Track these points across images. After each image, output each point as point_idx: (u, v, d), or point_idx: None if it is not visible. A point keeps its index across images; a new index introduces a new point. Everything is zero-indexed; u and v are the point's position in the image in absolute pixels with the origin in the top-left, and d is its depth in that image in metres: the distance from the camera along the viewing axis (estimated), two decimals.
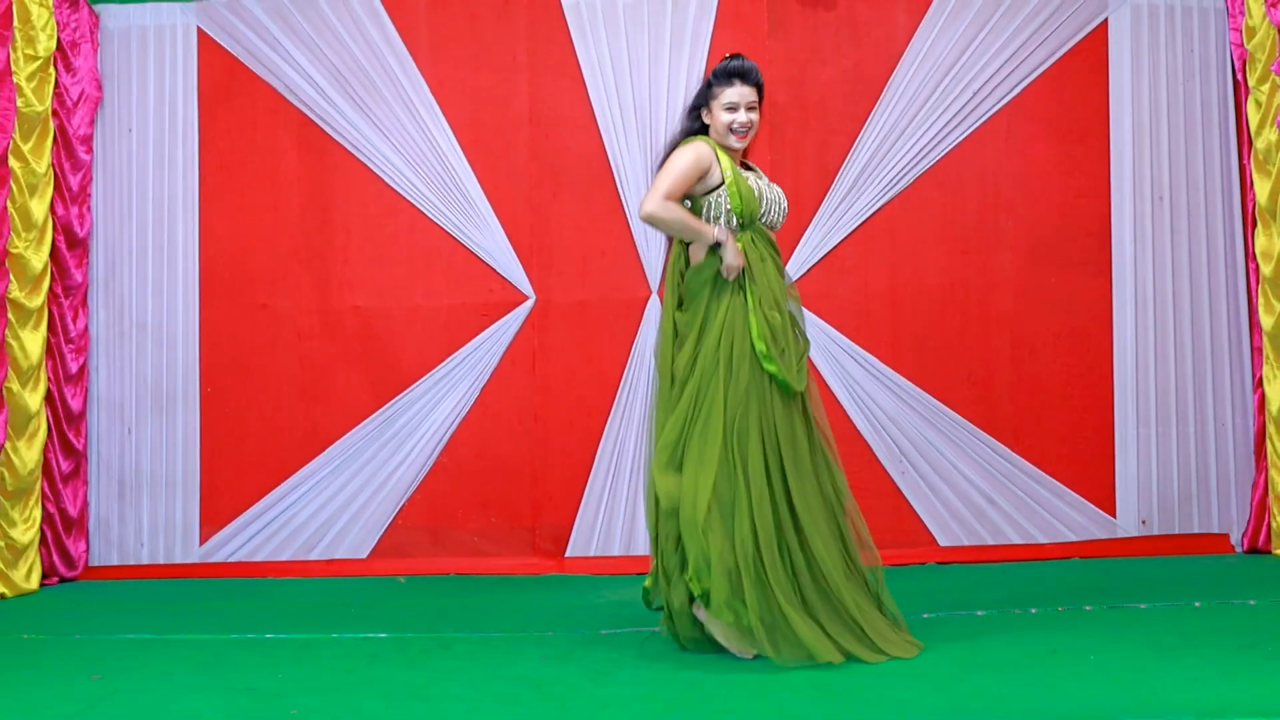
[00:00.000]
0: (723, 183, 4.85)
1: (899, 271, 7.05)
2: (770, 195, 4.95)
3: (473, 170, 7.07)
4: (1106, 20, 7.01)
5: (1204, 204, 7.02)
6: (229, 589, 6.75)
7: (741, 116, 4.84)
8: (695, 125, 4.97)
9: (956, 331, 7.03)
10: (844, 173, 6.98)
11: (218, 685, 4.60)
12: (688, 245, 4.96)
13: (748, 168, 5.05)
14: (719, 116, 4.86)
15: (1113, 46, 7.01)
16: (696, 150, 4.85)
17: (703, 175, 4.83)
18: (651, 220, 4.81)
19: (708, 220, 4.84)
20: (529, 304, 7.08)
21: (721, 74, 4.86)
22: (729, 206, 4.83)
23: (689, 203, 4.90)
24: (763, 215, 4.91)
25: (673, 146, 4.97)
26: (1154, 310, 7.00)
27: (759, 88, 4.91)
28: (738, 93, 4.83)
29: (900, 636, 4.84)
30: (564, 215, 7.09)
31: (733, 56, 4.92)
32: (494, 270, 7.08)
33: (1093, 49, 7.02)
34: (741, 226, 4.85)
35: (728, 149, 4.90)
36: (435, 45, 7.11)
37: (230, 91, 7.19)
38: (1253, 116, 6.73)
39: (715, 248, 4.83)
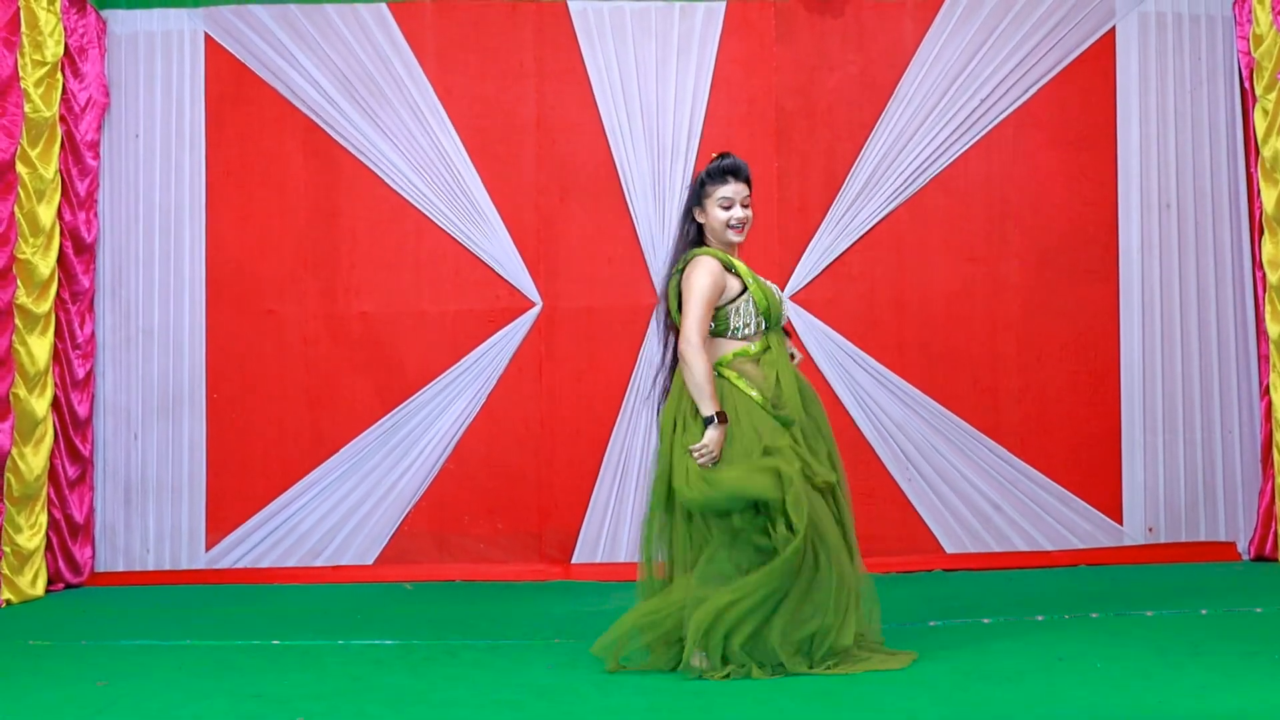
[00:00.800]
0: (743, 291, 4.81)
1: (905, 279, 7.06)
2: (777, 293, 4.91)
3: (479, 177, 7.08)
4: (1114, 28, 7.01)
5: (1211, 212, 7.02)
6: (235, 595, 6.76)
7: (738, 213, 4.83)
8: (691, 228, 4.92)
9: (963, 339, 7.04)
10: (851, 180, 6.99)
11: (223, 692, 4.59)
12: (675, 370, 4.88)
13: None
14: (714, 214, 4.83)
15: (1120, 54, 7.02)
16: (710, 269, 4.77)
17: (721, 291, 4.79)
18: (687, 362, 4.70)
19: (734, 329, 4.80)
20: (535, 310, 7.09)
21: (715, 172, 4.85)
22: (756, 310, 4.80)
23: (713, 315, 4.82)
24: (773, 319, 4.85)
25: (674, 260, 4.93)
26: (1161, 318, 7.00)
27: (749, 182, 4.89)
28: (732, 189, 4.82)
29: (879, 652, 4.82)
30: (571, 222, 7.10)
31: (722, 156, 4.92)
32: (500, 277, 7.09)
33: (1100, 57, 7.02)
34: (767, 329, 4.82)
35: (725, 245, 4.86)
36: (442, 52, 7.13)
37: (237, 97, 7.20)
38: (1260, 124, 6.72)
39: (701, 420, 4.70)
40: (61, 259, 6.93)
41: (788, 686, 4.47)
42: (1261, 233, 6.79)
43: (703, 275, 4.75)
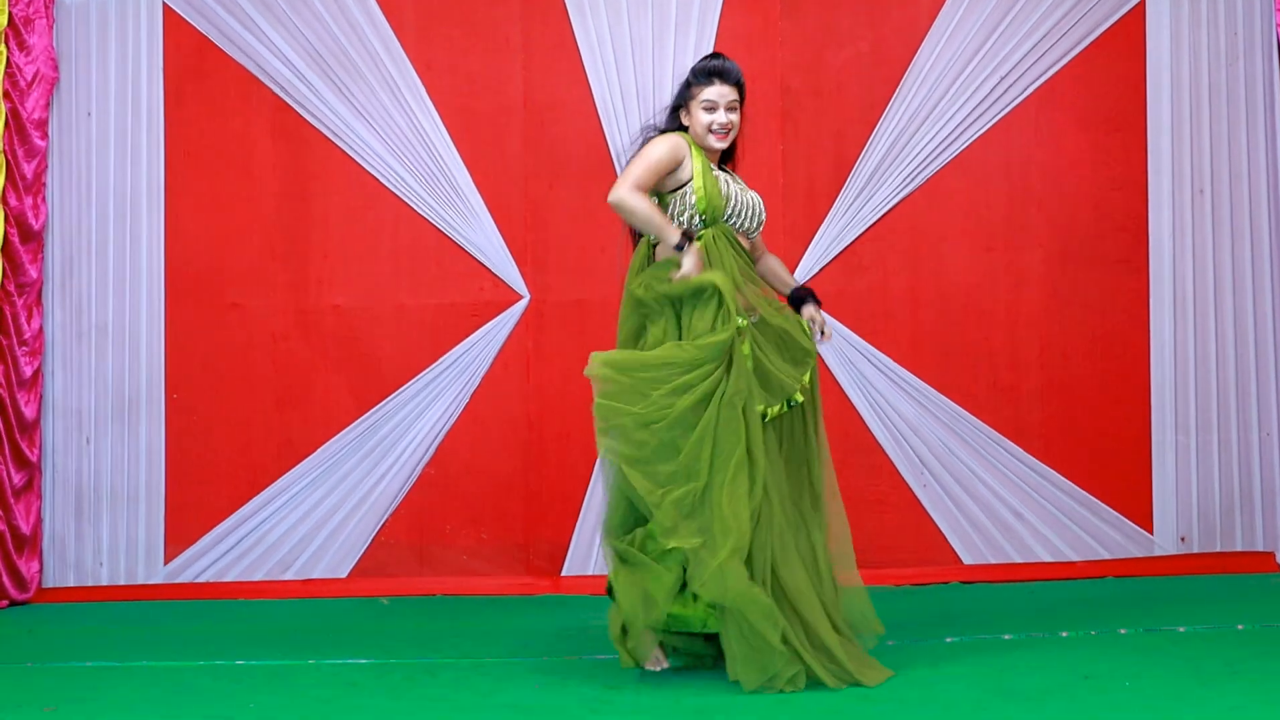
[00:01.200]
0: (691, 179, 4.96)
1: (920, 270, 7.09)
2: (743, 198, 5.04)
3: (462, 160, 7.11)
4: (1143, 1, 7.04)
5: (1247, 197, 7.05)
6: (196, 612, 6.77)
7: (721, 116, 4.97)
8: (674, 126, 5.10)
9: (982, 334, 7.07)
10: (861, 164, 7.02)
11: (184, 716, 4.61)
12: (654, 248, 5.07)
13: (727, 174, 5.13)
14: (697, 116, 5.00)
15: (1150, 28, 7.04)
16: (672, 142, 4.98)
17: (675, 169, 4.97)
18: (619, 208, 4.96)
19: (671, 218, 4.96)
20: (523, 304, 7.12)
21: (700, 72, 5.02)
22: (694, 203, 4.94)
23: (656, 199, 5.00)
24: (730, 217, 5.01)
25: (647, 138, 5.10)
26: (1194, 311, 7.04)
27: (740, 87, 5.04)
28: (717, 91, 4.97)
29: (864, 662, 4.88)
30: (560, 209, 7.12)
31: (712, 55, 5.10)
32: (485, 267, 7.12)
33: (1129, 31, 7.05)
34: (704, 224, 4.95)
35: (706, 150, 5.03)
36: (422, 24, 7.14)
37: (199, 73, 7.22)
38: None
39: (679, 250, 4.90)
40: (6, 247, 6.95)
41: (792, 707, 4.50)
42: None
43: (660, 142, 4.98)
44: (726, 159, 5.20)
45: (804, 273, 6.93)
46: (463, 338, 7.11)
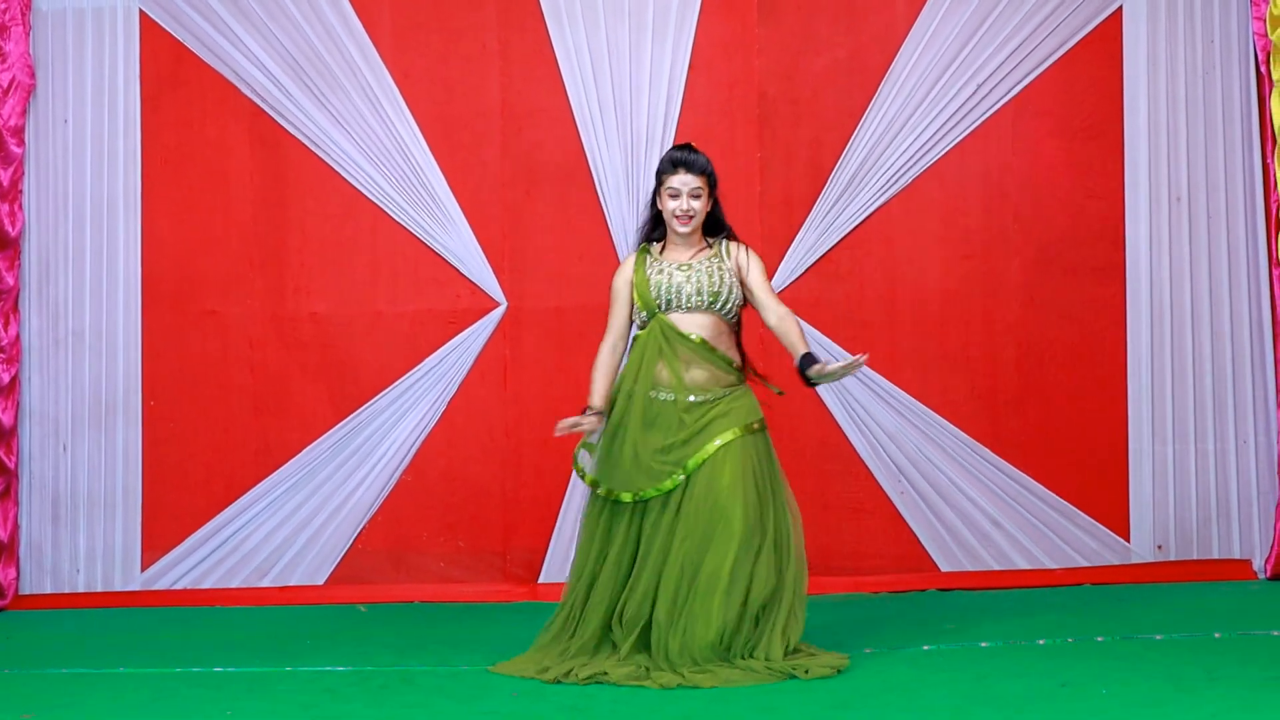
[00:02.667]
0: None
1: (897, 278, 7.09)
2: (671, 281, 5.38)
3: (439, 167, 7.10)
4: (1120, 8, 7.06)
5: (1224, 206, 7.07)
6: (173, 619, 6.75)
7: (683, 204, 5.36)
8: (650, 214, 5.57)
9: (959, 342, 7.08)
10: (838, 171, 7.03)
11: None
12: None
13: (688, 259, 5.46)
14: (665, 203, 5.41)
15: (1127, 37, 7.07)
16: (613, 283, 5.56)
17: (629, 284, 5.50)
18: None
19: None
20: (500, 311, 7.12)
21: (666, 163, 5.43)
22: (639, 306, 5.47)
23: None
24: (665, 306, 5.38)
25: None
26: (1171, 319, 7.06)
27: (706, 174, 5.41)
28: (680, 180, 5.37)
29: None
30: (538, 216, 7.12)
31: (678, 147, 5.50)
32: (462, 275, 7.11)
33: (1105, 39, 7.07)
34: (647, 320, 5.43)
35: (677, 234, 5.43)
36: (399, 31, 7.13)
37: (176, 80, 7.20)
38: (1277, 112, 6.77)
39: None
40: None
41: (774, 716, 4.51)
42: (1278, 228, 6.85)
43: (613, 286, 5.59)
44: (715, 231, 5.52)
45: (781, 280, 6.92)
46: (440, 345, 7.09)
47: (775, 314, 5.39)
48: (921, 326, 7.07)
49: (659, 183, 5.42)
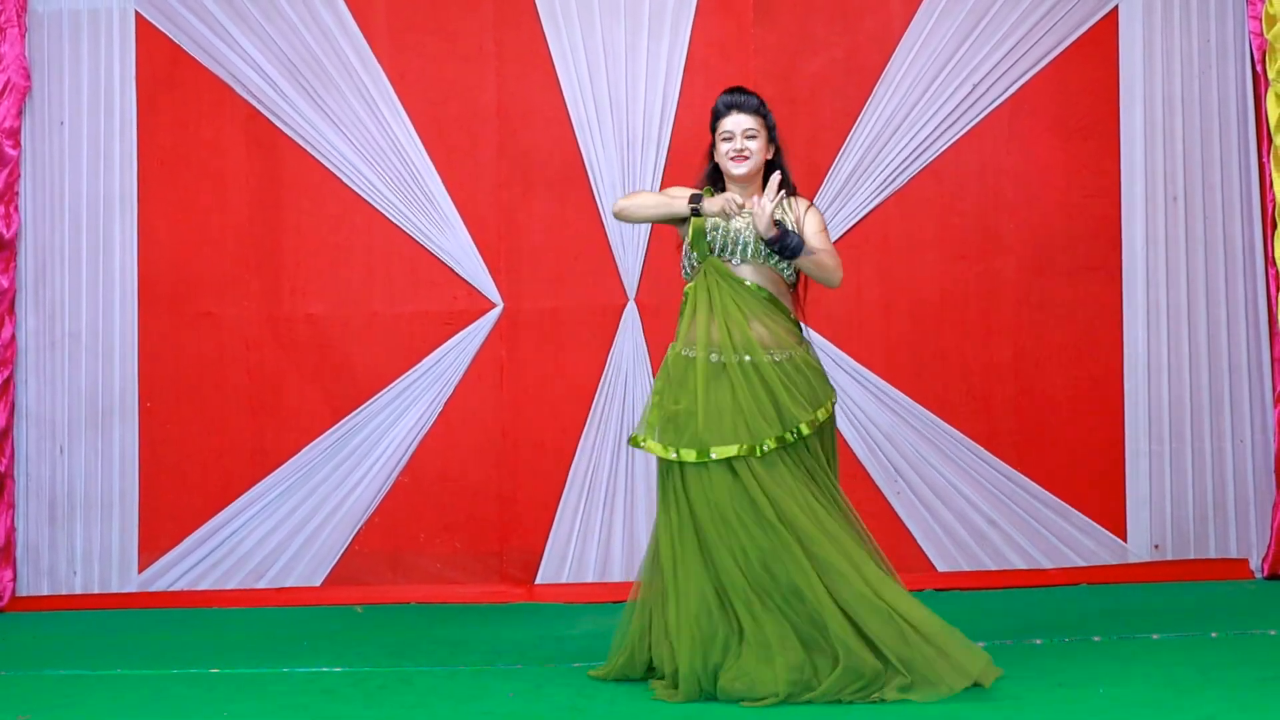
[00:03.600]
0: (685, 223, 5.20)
1: (893, 278, 7.10)
2: (736, 224, 5.09)
3: (435, 168, 7.10)
4: (1116, 8, 7.06)
5: (1221, 205, 7.08)
6: (170, 620, 6.75)
7: (737, 143, 5.17)
8: (709, 166, 5.33)
9: (955, 342, 7.08)
10: (834, 171, 7.03)
11: None
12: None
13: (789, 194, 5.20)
14: (719, 147, 5.23)
15: (1123, 36, 7.07)
16: (674, 187, 5.30)
17: (672, 201, 5.21)
18: (620, 216, 5.35)
19: (685, 273, 5.23)
20: (496, 312, 7.12)
21: (719, 106, 5.25)
22: (691, 246, 5.15)
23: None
24: (717, 250, 5.11)
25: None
26: (1167, 319, 7.06)
27: (761, 115, 5.24)
28: (733, 121, 5.19)
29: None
30: (534, 216, 7.12)
31: (730, 90, 5.30)
32: (458, 276, 7.11)
33: (1101, 39, 7.07)
34: (699, 260, 5.12)
35: (730, 177, 5.21)
36: (395, 33, 7.14)
37: (172, 82, 7.20)
38: (1273, 111, 6.78)
39: (694, 215, 5.13)
40: None
41: (774, 709, 4.51)
42: (1274, 227, 6.85)
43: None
44: (781, 187, 5.11)
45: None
46: (436, 346, 7.10)
47: None
48: (918, 325, 7.07)
49: (714, 131, 5.26)
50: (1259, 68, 6.91)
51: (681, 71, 7.06)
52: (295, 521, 7.08)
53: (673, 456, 4.93)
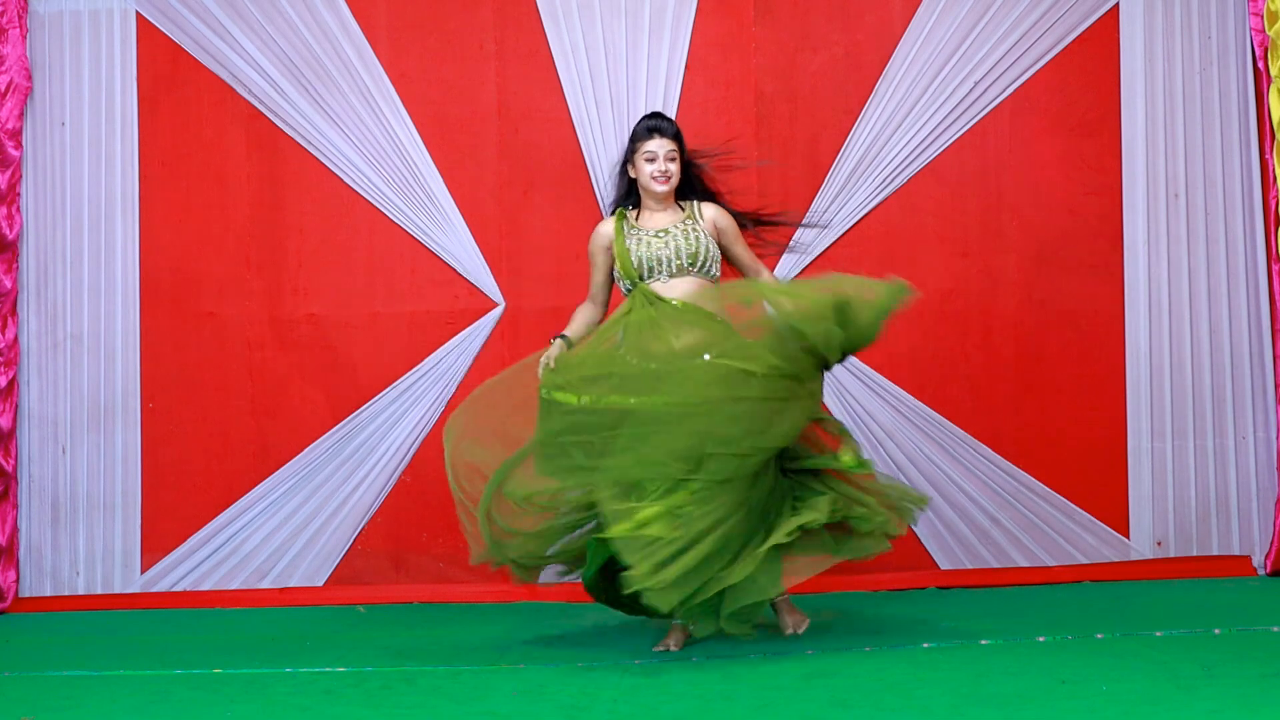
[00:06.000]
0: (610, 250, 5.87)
1: (894, 275, 7.08)
2: (654, 246, 5.73)
3: (437, 168, 7.10)
4: (1117, 5, 7.06)
5: (1222, 202, 7.07)
6: (173, 620, 6.76)
7: (660, 165, 5.75)
8: (622, 183, 5.95)
9: (957, 339, 7.08)
10: (836, 169, 7.03)
11: None
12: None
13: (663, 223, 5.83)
14: (641, 168, 5.78)
15: (1124, 33, 7.07)
16: (590, 246, 5.96)
17: (608, 247, 5.88)
18: None
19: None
20: (498, 311, 7.12)
21: (641, 130, 5.81)
22: (622, 272, 5.79)
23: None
24: (644, 273, 5.72)
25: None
26: (1169, 316, 7.05)
27: (679, 140, 5.82)
28: (656, 144, 5.76)
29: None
30: (535, 216, 7.12)
31: (650, 115, 5.92)
32: (460, 275, 7.11)
33: (1103, 36, 7.07)
34: (631, 287, 5.75)
35: (650, 195, 5.81)
36: (396, 32, 7.14)
37: (173, 82, 7.20)
38: (1274, 108, 6.77)
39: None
40: None
41: (775, 714, 4.50)
42: (1277, 224, 6.85)
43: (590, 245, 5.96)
44: (687, 195, 5.91)
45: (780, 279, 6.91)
46: (438, 345, 7.10)
47: (751, 270, 5.86)
48: (919, 324, 7.05)
49: (633, 150, 5.80)
50: (1260, 64, 6.91)
51: (683, 70, 7.06)
52: (298, 521, 7.09)
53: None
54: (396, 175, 7.10)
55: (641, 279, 5.69)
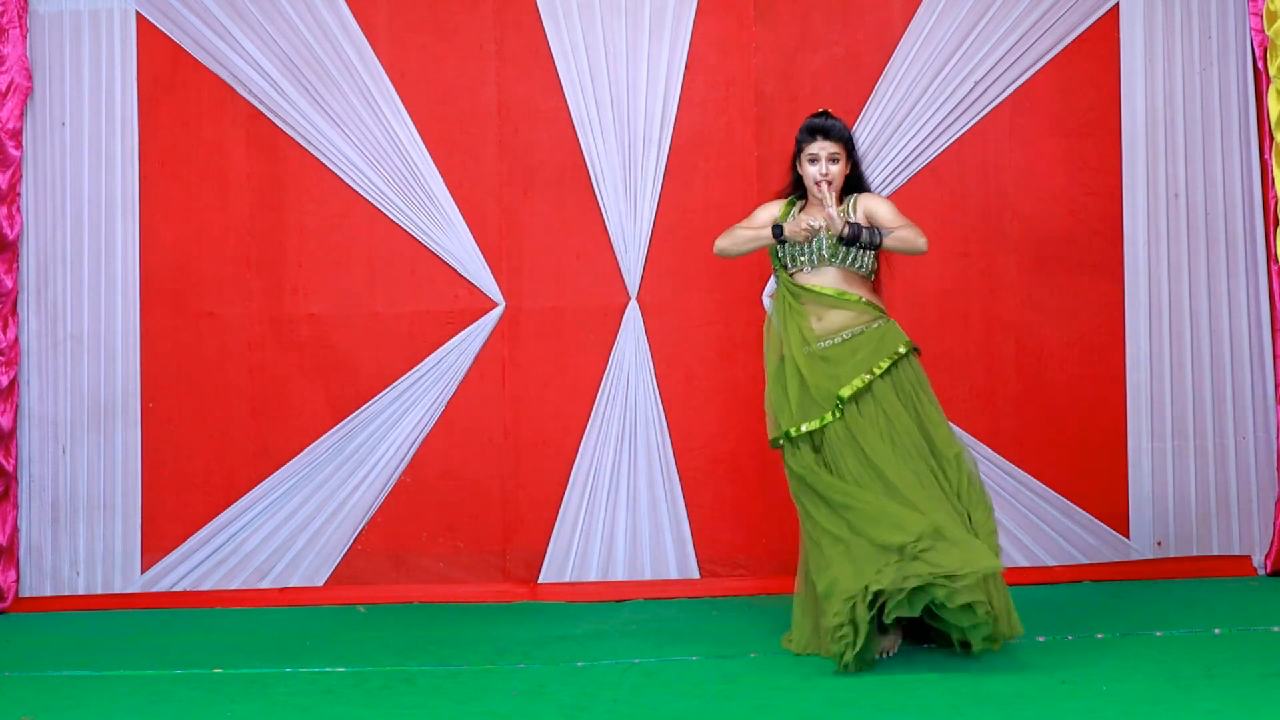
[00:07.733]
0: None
1: (895, 275, 7.04)
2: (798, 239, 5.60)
3: (437, 167, 7.10)
4: (1117, 5, 7.06)
5: (1222, 202, 7.07)
6: (173, 621, 6.76)
7: (822, 168, 5.63)
8: (792, 176, 5.85)
9: (957, 339, 7.07)
10: None
11: None
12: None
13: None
14: (805, 168, 5.69)
15: (1124, 33, 7.06)
16: (756, 210, 5.89)
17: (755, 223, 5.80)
18: (719, 254, 5.87)
19: (785, 263, 5.72)
20: (498, 311, 7.11)
21: (805, 130, 5.72)
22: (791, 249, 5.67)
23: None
24: (792, 263, 5.67)
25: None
26: (1169, 316, 7.05)
27: (844, 141, 5.71)
28: (818, 146, 5.65)
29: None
30: (535, 215, 7.12)
31: (817, 114, 5.75)
32: (460, 275, 7.11)
33: (1103, 36, 7.07)
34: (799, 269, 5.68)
35: (816, 197, 5.67)
36: (395, 32, 7.14)
37: (173, 82, 7.20)
38: (1274, 108, 6.77)
39: (780, 242, 5.64)
40: None
41: (774, 716, 4.51)
42: (1276, 224, 6.84)
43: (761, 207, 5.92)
44: (853, 191, 5.79)
45: None
46: (438, 345, 7.09)
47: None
48: (919, 324, 7.03)
49: (799, 148, 5.71)
50: (1260, 64, 6.90)
51: (683, 70, 7.06)
52: (298, 521, 7.08)
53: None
54: (396, 175, 7.10)
55: (789, 267, 5.69)
